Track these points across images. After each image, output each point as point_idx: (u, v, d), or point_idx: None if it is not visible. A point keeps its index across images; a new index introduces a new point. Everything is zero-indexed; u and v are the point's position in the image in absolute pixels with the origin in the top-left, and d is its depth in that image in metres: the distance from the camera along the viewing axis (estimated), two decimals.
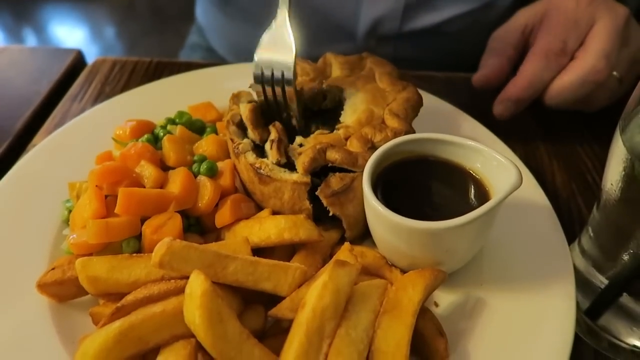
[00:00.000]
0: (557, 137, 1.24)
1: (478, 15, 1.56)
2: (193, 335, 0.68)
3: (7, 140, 1.22)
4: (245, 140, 0.94)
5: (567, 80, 1.09)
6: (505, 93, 1.15)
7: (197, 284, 0.67)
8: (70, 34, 5.13)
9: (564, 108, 1.16)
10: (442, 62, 1.52)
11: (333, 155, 0.87)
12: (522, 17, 1.20)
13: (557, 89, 1.11)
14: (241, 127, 0.98)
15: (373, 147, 0.89)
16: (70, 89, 1.40)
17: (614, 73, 1.09)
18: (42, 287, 0.80)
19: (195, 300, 0.66)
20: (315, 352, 0.66)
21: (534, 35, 1.16)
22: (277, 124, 0.94)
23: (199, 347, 0.68)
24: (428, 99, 1.14)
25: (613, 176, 0.73)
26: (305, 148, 0.89)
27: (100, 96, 1.37)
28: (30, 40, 5.03)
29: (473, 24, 1.56)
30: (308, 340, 0.66)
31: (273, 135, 0.92)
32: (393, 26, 1.55)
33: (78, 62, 1.52)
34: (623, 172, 0.71)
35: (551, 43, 1.11)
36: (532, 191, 0.97)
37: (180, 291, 0.71)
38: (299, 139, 0.92)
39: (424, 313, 0.77)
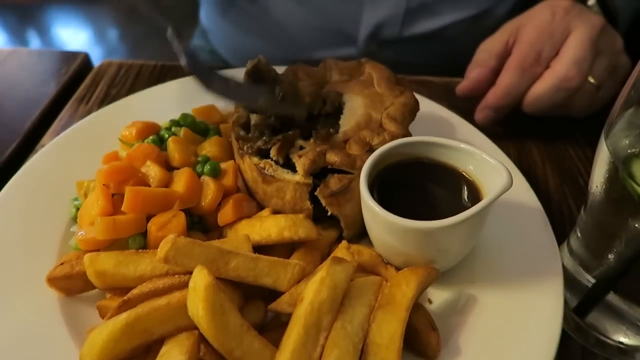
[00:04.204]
0: (550, 142, 1.27)
1: (476, 22, 1.60)
2: (196, 327, 0.71)
3: (16, 140, 1.26)
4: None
5: (542, 88, 1.15)
6: (485, 102, 1.22)
7: (200, 279, 0.70)
8: (74, 36, 5.16)
9: (545, 114, 1.21)
10: (442, 67, 1.56)
11: (332, 158, 0.91)
12: (506, 29, 1.25)
13: (533, 97, 1.17)
14: (246, 128, 1.01)
15: (371, 150, 0.92)
16: (77, 91, 1.44)
17: (591, 80, 1.14)
18: (52, 281, 0.84)
19: (198, 293, 0.69)
20: (312, 344, 0.70)
21: (514, 46, 1.21)
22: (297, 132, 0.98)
23: (202, 338, 0.71)
24: (425, 103, 1.17)
25: (598, 179, 0.77)
26: (306, 151, 0.92)
27: (107, 98, 1.41)
28: (35, 42, 5.06)
29: (471, 30, 1.59)
30: (306, 333, 0.70)
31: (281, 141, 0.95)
32: (393, 31, 1.58)
33: (85, 65, 1.56)
34: (607, 175, 0.74)
35: (526, 54, 1.16)
36: (524, 193, 1.01)
37: (184, 285, 0.74)
38: (299, 142, 0.95)
39: (417, 308, 0.80)
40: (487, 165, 0.84)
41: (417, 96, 1.08)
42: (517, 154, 1.22)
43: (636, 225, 0.74)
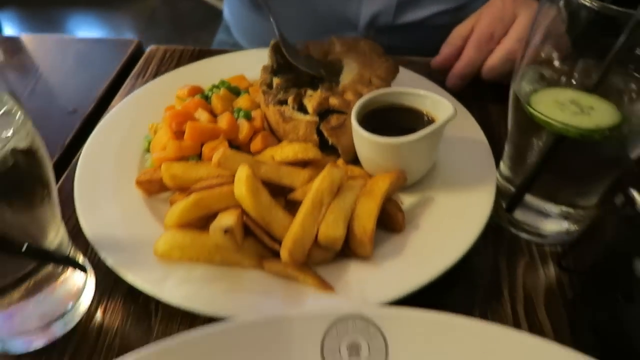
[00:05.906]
0: (505, 102, 1.59)
1: (456, 14, 1.94)
2: (240, 206, 1.05)
3: (85, 113, 1.61)
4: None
5: (494, 60, 1.48)
6: (452, 72, 1.56)
7: (243, 172, 1.03)
8: None
9: (500, 80, 1.51)
10: (429, 51, 1.87)
11: (333, 101, 1.25)
12: (472, 17, 1.59)
13: (488, 67, 1.50)
14: (270, 86, 1.37)
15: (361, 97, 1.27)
16: (134, 69, 1.81)
17: None
18: (139, 184, 1.18)
19: (241, 180, 1.02)
20: (317, 212, 1.02)
21: (474, 29, 1.56)
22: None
23: (244, 212, 0.98)
24: (408, 74, 1.52)
25: (511, 114, 1.11)
26: (314, 97, 1.28)
27: (158, 74, 1.76)
28: None
29: (453, 20, 1.91)
30: (312, 206, 1.03)
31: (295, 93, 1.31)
32: (387, 20, 1.92)
33: (137, 50, 1.93)
34: (515, 110, 1.08)
35: (482, 34, 1.50)
36: (475, 132, 1.34)
37: (231, 181, 1.07)
38: (309, 92, 1.31)
39: (389, 199, 1.14)
40: (440, 104, 1.18)
41: (403, 70, 1.43)
42: (478, 112, 1.55)
43: (539, 143, 1.08)
